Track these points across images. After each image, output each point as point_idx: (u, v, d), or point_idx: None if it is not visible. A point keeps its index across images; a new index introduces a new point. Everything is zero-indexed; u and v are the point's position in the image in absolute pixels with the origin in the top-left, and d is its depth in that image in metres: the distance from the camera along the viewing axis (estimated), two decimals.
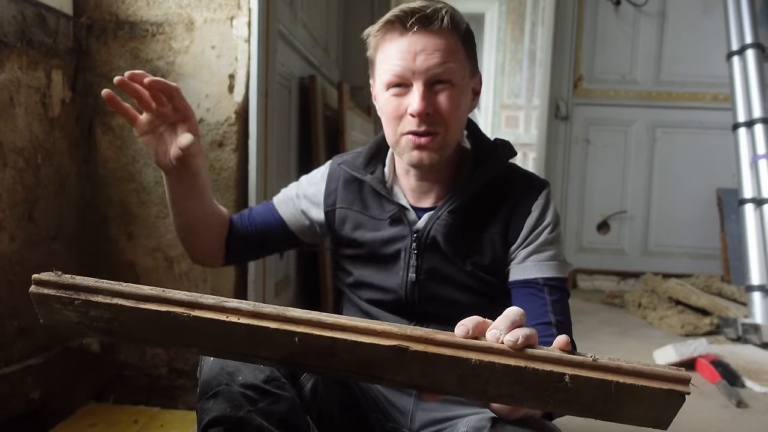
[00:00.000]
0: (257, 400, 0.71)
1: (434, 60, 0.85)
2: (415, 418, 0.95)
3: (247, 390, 0.72)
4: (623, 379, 0.54)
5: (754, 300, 2.44)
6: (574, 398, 0.55)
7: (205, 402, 0.73)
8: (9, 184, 1.26)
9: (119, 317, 0.58)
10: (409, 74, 0.86)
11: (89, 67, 1.53)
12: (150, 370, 1.58)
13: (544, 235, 0.92)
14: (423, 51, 0.85)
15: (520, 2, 6.80)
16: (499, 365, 0.55)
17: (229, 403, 0.71)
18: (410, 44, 0.85)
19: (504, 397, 0.57)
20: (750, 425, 1.59)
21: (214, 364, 0.75)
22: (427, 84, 0.86)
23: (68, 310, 0.59)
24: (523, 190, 0.95)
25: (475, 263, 0.93)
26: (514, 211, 0.94)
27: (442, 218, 0.93)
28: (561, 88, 3.48)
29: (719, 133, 3.30)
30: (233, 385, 0.72)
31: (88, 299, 0.58)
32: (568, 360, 0.55)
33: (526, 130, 6.83)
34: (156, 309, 0.57)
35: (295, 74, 2.24)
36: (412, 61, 0.85)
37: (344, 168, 1.02)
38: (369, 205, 0.99)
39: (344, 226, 1.01)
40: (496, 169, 0.95)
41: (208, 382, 0.74)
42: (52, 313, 0.59)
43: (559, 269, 0.92)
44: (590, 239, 3.54)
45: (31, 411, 1.34)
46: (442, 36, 0.85)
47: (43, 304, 0.59)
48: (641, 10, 3.40)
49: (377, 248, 0.97)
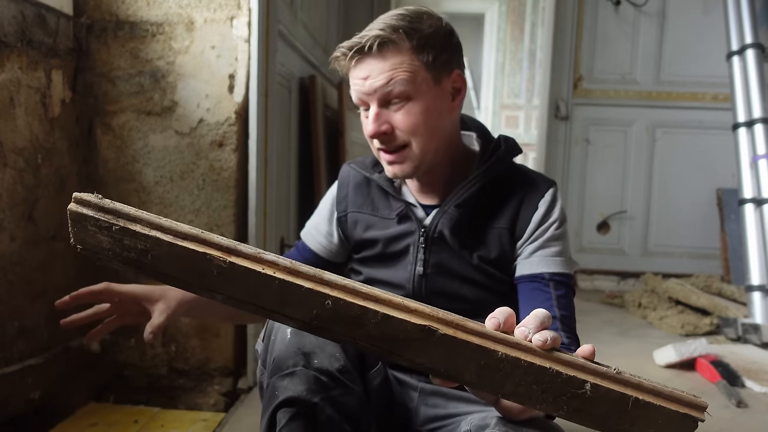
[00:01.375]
0: (331, 388, 0.72)
1: (379, 81, 0.88)
2: (420, 412, 0.96)
3: (322, 375, 0.72)
4: (642, 396, 0.54)
5: (754, 300, 2.44)
6: (589, 408, 0.55)
7: (279, 379, 0.73)
8: (9, 184, 1.26)
9: (153, 250, 0.56)
10: (365, 98, 0.91)
11: (89, 67, 1.53)
12: (150, 370, 1.58)
13: (551, 231, 0.94)
14: (368, 76, 0.89)
15: (520, 2, 6.80)
16: (525, 362, 0.55)
17: (305, 385, 0.71)
18: (358, 73, 0.90)
19: (519, 396, 0.57)
20: (750, 425, 1.59)
21: (291, 342, 0.75)
22: (381, 104, 0.90)
23: (103, 234, 0.56)
24: (530, 187, 0.97)
25: (482, 257, 0.95)
26: (521, 207, 0.95)
27: (448, 213, 0.95)
28: (561, 88, 3.48)
29: (719, 133, 3.29)
30: (309, 368, 0.72)
31: (127, 227, 0.56)
32: (592, 369, 0.55)
33: (526, 130, 6.83)
34: (193, 248, 0.55)
35: (295, 74, 2.24)
36: (363, 86, 0.90)
37: (353, 167, 1.06)
38: (378, 206, 1.02)
39: (356, 228, 1.03)
40: (500, 166, 0.97)
41: (284, 359, 0.74)
42: (85, 234, 0.57)
43: (565, 265, 0.93)
44: (590, 239, 3.54)
45: (31, 411, 1.34)
46: (380, 58, 0.88)
47: (79, 223, 0.57)
48: (641, 10, 3.39)
49: (387, 246, 0.99)
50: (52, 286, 1.41)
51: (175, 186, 1.55)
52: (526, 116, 6.93)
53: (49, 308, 1.40)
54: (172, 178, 1.55)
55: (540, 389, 0.55)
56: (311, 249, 1.09)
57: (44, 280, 1.38)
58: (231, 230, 1.55)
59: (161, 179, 1.55)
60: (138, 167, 1.55)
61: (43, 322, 1.38)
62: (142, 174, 1.55)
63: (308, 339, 0.75)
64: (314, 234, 1.09)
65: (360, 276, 1.04)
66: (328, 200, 1.10)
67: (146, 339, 0.90)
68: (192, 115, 1.53)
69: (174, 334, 1.58)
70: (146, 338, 0.90)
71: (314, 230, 1.10)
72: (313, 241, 1.09)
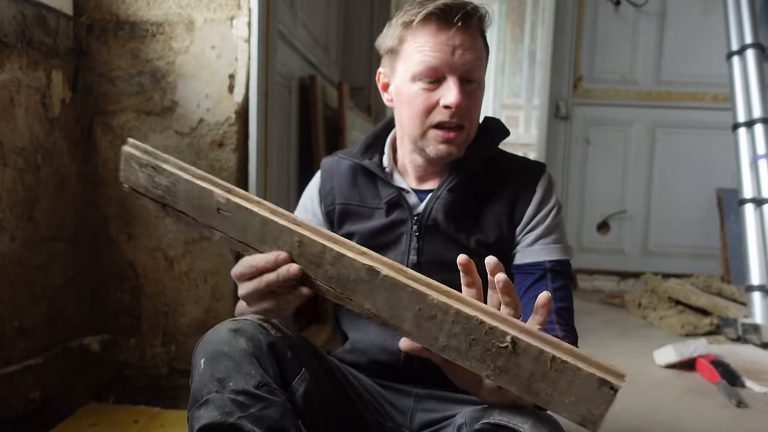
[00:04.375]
0: (248, 406, 0.70)
1: (470, 56, 0.87)
2: (415, 418, 0.95)
3: (238, 396, 0.70)
4: (561, 354, 0.56)
5: (754, 300, 2.44)
6: (513, 367, 0.58)
7: (195, 411, 0.71)
8: (9, 184, 1.26)
9: (174, 186, 0.72)
10: (446, 68, 0.87)
11: (89, 67, 1.53)
12: (150, 370, 1.58)
13: (550, 218, 0.94)
14: (461, 46, 0.86)
15: (520, 2, 6.80)
16: (453, 309, 0.59)
17: (219, 410, 0.69)
18: (449, 38, 0.86)
19: (452, 350, 0.60)
20: (750, 425, 1.59)
21: (204, 373, 0.73)
22: (461, 79, 0.88)
23: (142, 171, 0.74)
24: (524, 171, 0.97)
25: (479, 241, 0.94)
26: (518, 191, 0.95)
27: (441, 197, 0.94)
28: (561, 88, 3.48)
29: (719, 133, 3.29)
30: (224, 392, 0.70)
31: (159, 165, 0.72)
32: (514, 323, 0.59)
33: (526, 130, 6.83)
34: (202, 185, 0.70)
35: (295, 74, 2.24)
36: (450, 55, 0.86)
37: (340, 156, 1.03)
38: (365, 195, 1.00)
39: (344, 222, 1.01)
40: (491, 147, 0.97)
41: (198, 390, 0.72)
42: (129, 171, 0.75)
43: (564, 252, 0.94)
44: (590, 239, 3.54)
45: (31, 411, 1.34)
46: (476, 35, 0.88)
47: (127, 162, 0.75)
48: (641, 10, 3.40)
49: (377, 236, 0.97)
50: (52, 286, 1.41)
51: None
52: (526, 116, 6.93)
53: (49, 308, 1.40)
54: None
55: (467, 343, 0.59)
56: None
57: (44, 280, 1.38)
58: None
59: None
60: None
61: (43, 322, 1.38)
62: None
63: (222, 364, 0.72)
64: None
65: None
66: (310, 196, 1.05)
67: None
68: (192, 115, 1.53)
69: (174, 334, 1.58)
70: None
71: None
72: None
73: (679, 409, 1.68)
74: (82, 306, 1.53)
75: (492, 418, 0.68)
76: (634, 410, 1.66)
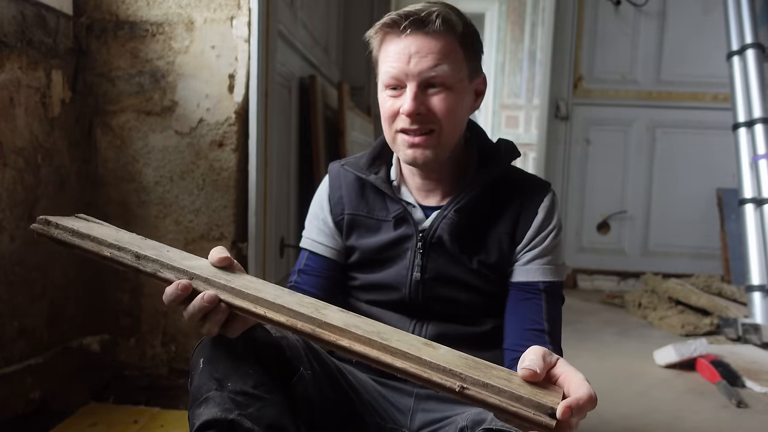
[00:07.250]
0: (247, 405, 0.71)
1: (426, 63, 0.86)
2: (416, 418, 0.95)
3: (237, 396, 0.71)
4: (500, 402, 0.57)
5: (754, 300, 2.44)
6: (476, 403, 0.60)
7: (195, 408, 0.72)
8: (9, 184, 1.26)
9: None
10: (403, 76, 0.88)
11: (89, 67, 1.53)
12: (150, 370, 1.58)
13: (549, 240, 0.95)
14: (416, 53, 0.86)
15: (520, 2, 6.79)
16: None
17: (219, 407, 0.70)
18: (404, 47, 0.87)
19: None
20: (750, 425, 1.59)
21: (203, 373, 0.74)
22: (420, 85, 0.87)
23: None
24: (529, 191, 0.97)
25: (481, 261, 0.95)
26: (521, 212, 0.96)
27: (448, 217, 0.94)
28: (561, 88, 3.48)
29: (719, 133, 3.29)
30: (223, 391, 0.72)
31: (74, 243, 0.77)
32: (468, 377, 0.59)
33: (526, 130, 6.82)
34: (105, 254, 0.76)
35: (295, 74, 2.24)
36: (406, 63, 0.87)
37: (346, 168, 1.02)
38: (373, 207, 1.00)
39: (352, 233, 1.01)
40: (501, 169, 0.97)
41: (197, 389, 0.74)
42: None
43: (558, 273, 0.95)
44: (590, 239, 3.54)
45: (31, 411, 1.34)
46: (435, 38, 0.87)
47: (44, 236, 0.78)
48: (641, 10, 3.39)
49: (383, 252, 0.97)
50: (52, 286, 1.41)
51: (175, 186, 1.55)
52: (526, 116, 6.92)
53: (49, 308, 1.40)
54: (172, 178, 1.55)
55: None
56: (325, 256, 1.02)
57: (44, 280, 1.38)
58: (231, 230, 1.55)
59: (161, 179, 1.55)
60: (138, 167, 1.55)
61: (43, 322, 1.38)
62: (142, 174, 1.55)
63: (221, 365, 0.74)
64: (322, 239, 1.03)
65: (355, 281, 1.01)
66: (320, 203, 1.05)
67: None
68: (192, 115, 1.53)
69: (174, 334, 1.58)
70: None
71: (320, 236, 1.03)
72: (321, 247, 1.03)
73: (679, 409, 1.68)
74: (82, 306, 1.53)
75: (493, 423, 0.69)
76: (634, 410, 1.66)
